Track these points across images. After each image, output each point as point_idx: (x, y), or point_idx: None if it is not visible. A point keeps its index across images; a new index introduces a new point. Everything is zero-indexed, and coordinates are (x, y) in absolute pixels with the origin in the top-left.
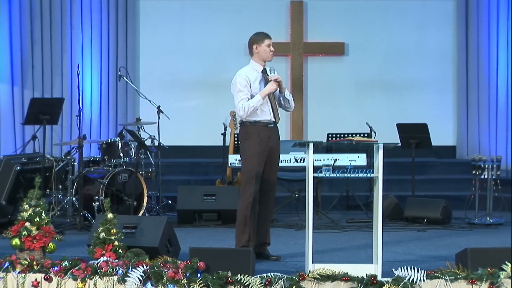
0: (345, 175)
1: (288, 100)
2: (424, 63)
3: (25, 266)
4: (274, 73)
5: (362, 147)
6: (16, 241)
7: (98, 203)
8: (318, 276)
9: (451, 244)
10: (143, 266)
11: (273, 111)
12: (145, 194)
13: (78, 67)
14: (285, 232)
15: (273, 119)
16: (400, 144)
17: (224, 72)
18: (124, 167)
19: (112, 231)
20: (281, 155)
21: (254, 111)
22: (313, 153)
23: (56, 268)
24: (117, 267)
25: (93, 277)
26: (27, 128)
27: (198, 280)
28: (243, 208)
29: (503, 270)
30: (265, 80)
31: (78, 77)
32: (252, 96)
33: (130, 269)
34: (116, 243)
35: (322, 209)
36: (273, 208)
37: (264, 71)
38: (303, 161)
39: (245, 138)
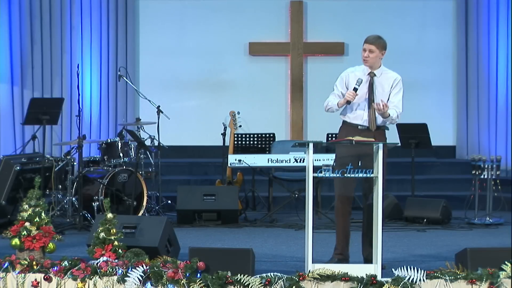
0: (345, 175)
1: (391, 120)
2: (424, 63)
3: (25, 266)
4: (358, 86)
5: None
6: (16, 241)
7: (97, 203)
8: (318, 276)
9: (451, 244)
10: (142, 266)
11: (369, 116)
12: (145, 194)
13: (78, 67)
14: (285, 232)
15: (365, 124)
16: (400, 144)
17: (224, 72)
18: (124, 167)
19: (111, 231)
20: (281, 155)
21: (333, 111)
22: (313, 153)
23: (56, 268)
24: (116, 267)
25: (92, 277)
26: (27, 128)
27: (197, 280)
28: None
29: (502, 270)
30: (369, 84)
31: (78, 77)
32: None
33: (129, 269)
34: (115, 243)
35: (322, 209)
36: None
37: (371, 74)
38: (303, 161)
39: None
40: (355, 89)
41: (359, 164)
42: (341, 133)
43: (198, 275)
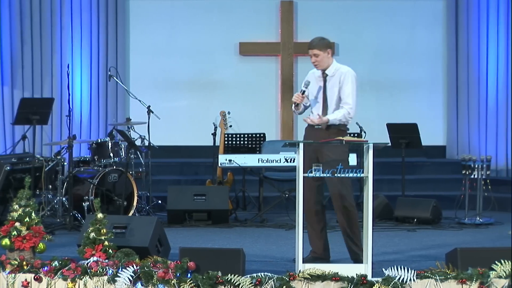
0: (335, 175)
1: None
2: (414, 63)
3: (15, 266)
4: (305, 87)
5: (352, 147)
6: (6, 241)
7: (88, 203)
8: (308, 276)
9: (441, 244)
10: (133, 266)
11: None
12: (135, 194)
13: (68, 67)
14: (275, 232)
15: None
16: (390, 144)
17: (215, 72)
18: (114, 167)
19: (102, 231)
20: (271, 155)
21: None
22: (303, 153)
23: (46, 268)
24: (107, 267)
25: (83, 277)
26: (17, 128)
27: (188, 280)
28: None
29: (493, 269)
30: (323, 85)
31: (68, 77)
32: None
33: (120, 269)
34: (106, 243)
35: None
36: None
37: (323, 75)
38: (293, 161)
39: None
40: (303, 91)
41: (318, 162)
42: (304, 133)
43: (189, 275)
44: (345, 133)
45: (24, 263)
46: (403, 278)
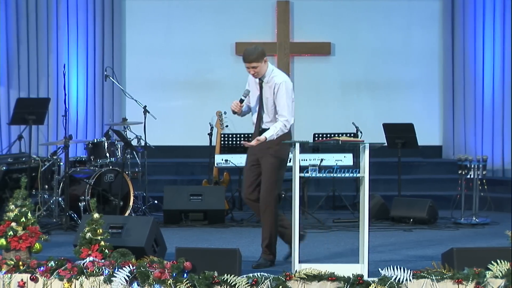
0: (332, 175)
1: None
2: (410, 63)
3: (11, 266)
4: (244, 97)
5: (348, 147)
6: (2, 241)
7: (84, 203)
8: (304, 276)
9: (437, 244)
10: (129, 266)
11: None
12: (131, 194)
13: (64, 67)
14: None
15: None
16: (386, 144)
17: (211, 72)
18: (110, 167)
19: (98, 231)
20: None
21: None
22: (300, 153)
23: (42, 268)
24: (103, 267)
25: (79, 277)
26: (13, 128)
27: (184, 280)
28: None
29: (489, 269)
30: (259, 92)
31: (64, 77)
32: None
33: (116, 269)
34: (102, 243)
35: (308, 209)
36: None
37: (259, 82)
38: (290, 161)
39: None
40: (241, 100)
41: (258, 163)
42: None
43: (185, 275)
44: (288, 137)
45: (20, 263)
46: (399, 278)
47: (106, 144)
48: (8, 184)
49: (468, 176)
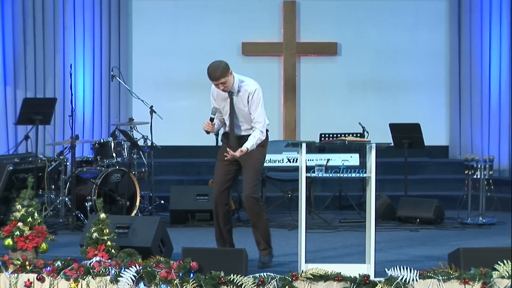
0: (338, 175)
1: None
2: (416, 63)
3: (18, 266)
4: (214, 115)
5: (355, 147)
6: (8, 241)
7: (90, 203)
8: (311, 276)
9: (444, 244)
10: (135, 266)
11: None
12: (138, 194)
13: (70, 67)
14: (278, 232)
15: (238, 134)
16: (392, 144)
17: None
18: (117, 167)
19: (104, 231)
20: (274, 155)
21: None
22: (306, 153)
23: (48, 268)
24: (109, 267)
25: (85, 277)
26: (19, 128)
27: (191, 280)
28: None
29: (495, 270)
30: (230, 103)
31: (70, 77)
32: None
33: (122, 269)
34: (108, 243)
35: (315, 209)
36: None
37: (229, 94)
38: (296, 161)
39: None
40: (211, 119)
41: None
42: (222, 140)
43: (191, 275)
44: (266, 138)
45: (27, 263)
46: (406, 278)
47: (112, 144)
48: (15, 184)
49: (475, 176)
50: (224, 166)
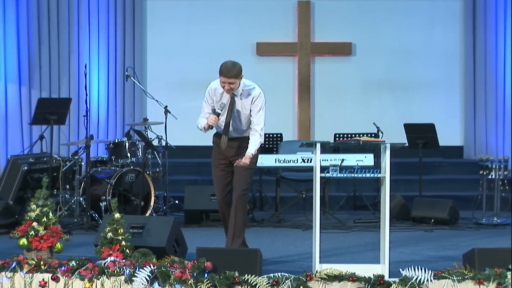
0: (352, 175)
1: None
2: (431, 63)
3: (33, 266)
4: (221, 111)
5: (369, 147)
6: (23, 241)
7: (105, 203)
8: (325, 276)
9: (458, 245)
10: (150, 266)
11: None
12: (152, 194)
13: (85, 67)
14: (292, 232)
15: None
16: (407, 144)
17: None
18: (132, 167)
19: (119, 231)
20: (288, 155)
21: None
22: (320, 153)
23: (63, 268)
24: (124, 267)
25: (100, 277)
26: (34, 128)
27: (205, 280)
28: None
29: (510, 270)
30: (230, 105)
31: (85, 77)
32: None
33: (137, 269)
34: (123, 243)
35: (329, 209)
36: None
37: (232, 95)
38: (310, 161)
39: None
40: (218, 114)
41: (230, 163)
42: (214, 142)
43: (206, 275)
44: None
45: (42, 263)
46: (420, 279)
47: (127, 144)
48: (30, 184)
49: (490, 177)
50: (221, 170)
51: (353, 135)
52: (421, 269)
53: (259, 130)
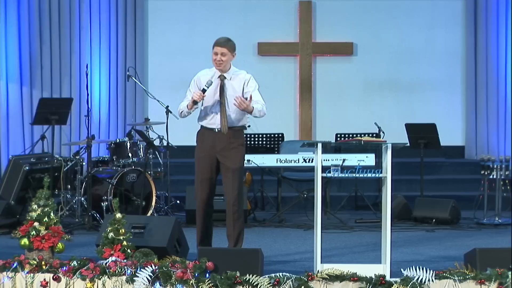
0: (354, 175)
1: (258, 112)
2: (432, 63)
3: (34, 266)
4: (207, 87)
5: (370, 147)
6: (24, 241)
7: (106, 203)
8: (326, 276)
9: (460, 244)
10: (151, 266)
11: (221, 120)
12: (154, 194)
13: (86, 67)
14: (294, 232)
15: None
16: (408, 144)
17: None
18: (133, 167)
19: (120, 231)
20: (290, 155)
21: (185, 115)
22: (322, 153)
23: (64, 268)
24: (125, 267)
25: (101, 277)
26: (35, 128)
27: (206, 280)
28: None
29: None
30: (220, 87)
31: (86, 77)
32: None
33: (138, 269)
34: (124, 243)
35: (330, 209)
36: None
37: (221, 77)
38: (312, 161)
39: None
40: (204, 90)
41: (218, 169)
42: (198, 137)
43: (207, 275)
44: (244, 140)
45: (43, 263)
46: (422, 279)
47: (128, 144)
48: (31, 184)
49: (491, 177)
50: (207, 166)
51: (355, 135)
52: (423, 269)
53: (262, 103)
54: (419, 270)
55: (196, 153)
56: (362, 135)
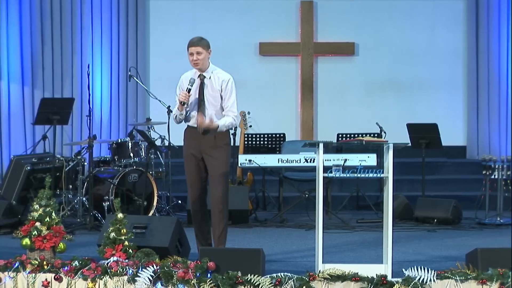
0: (355, 175)
1: (225, 128)
2: (434, 63)
3: (35, 266)
4: (191, 86)
5: (372, 147)
6: (26, 241)
7: (108, 203)
8: (328, 276)
9: (461, 244)
10: (153, 266)
11: (197, 120)
12: (155, 194)
13: (88, 67)
14: (295, 232)
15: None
16: (410, 144)
17: (234, 72)
18: (134, 167)
19: (122, 231)
20: (291, 155)
21: (181, 120)
22: (323, 153)
23: (66, 268)
24: (127, 267)
25: (103, 277)
26: (37, 128)
27: (208, 280)
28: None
29: None
30: (199, 86)
31: (88, 77)
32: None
33: (140, 269)
34: (126, 243)
35: (332, 209)
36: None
37: (201, 77)
38: (313, 161)
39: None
40: (188, 90)
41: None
42: (185, 135)
43: (209, 275)
44: (229, 139)
45: (45, 263)
46: (423, 279)
47: (130, 144)
48: (33, 184)
49: (493, 177)
50: (195, 165)
51: (356, 135)
52: (424, 269)
53: (232, 116)
54: (421, 270)
55: (183, 151)
56: (364, 135)
